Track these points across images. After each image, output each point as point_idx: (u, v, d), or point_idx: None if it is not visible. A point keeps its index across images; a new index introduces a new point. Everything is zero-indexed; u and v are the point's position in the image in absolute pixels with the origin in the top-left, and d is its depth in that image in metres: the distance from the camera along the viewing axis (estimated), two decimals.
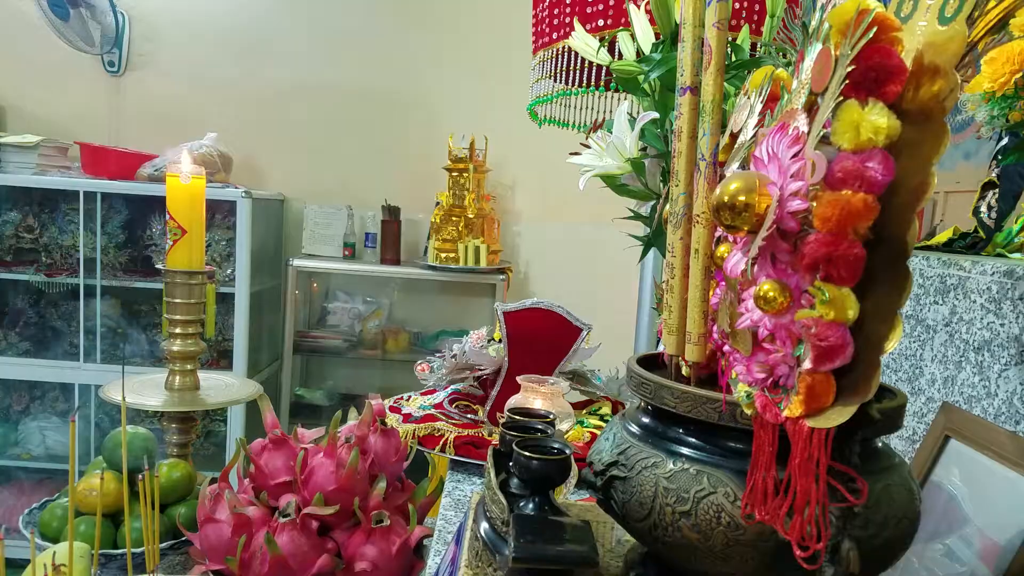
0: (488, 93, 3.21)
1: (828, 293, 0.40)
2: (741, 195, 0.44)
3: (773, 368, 0.45)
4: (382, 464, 1.02)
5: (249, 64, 3.23)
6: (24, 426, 3.07)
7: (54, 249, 2.98)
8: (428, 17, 3.22)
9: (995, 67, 0.81)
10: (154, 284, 2.92)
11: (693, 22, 0.57)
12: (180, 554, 1.11)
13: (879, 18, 0.40)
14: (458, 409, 1.32)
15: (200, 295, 1.37)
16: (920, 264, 0.87)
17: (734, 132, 0.55)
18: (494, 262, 3.04)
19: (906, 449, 0.86)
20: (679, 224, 0.59)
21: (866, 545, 0.48)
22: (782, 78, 0.52)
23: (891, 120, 0.40)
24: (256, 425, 2.90)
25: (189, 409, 1.34)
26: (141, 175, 2.87)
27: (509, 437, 0.68)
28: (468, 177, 2.98)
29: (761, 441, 0.46)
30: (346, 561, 0.95)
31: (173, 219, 1.33)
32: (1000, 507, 0.65)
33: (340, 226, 3.17)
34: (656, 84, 0.90)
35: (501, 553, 0.61)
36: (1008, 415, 0.72)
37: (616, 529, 0.74)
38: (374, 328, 3.25)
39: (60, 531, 1.14)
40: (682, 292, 0.58)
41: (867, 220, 0.40)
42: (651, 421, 0.59)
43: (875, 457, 0.53)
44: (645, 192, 0.92)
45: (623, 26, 1.16)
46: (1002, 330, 0.74)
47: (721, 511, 0.50)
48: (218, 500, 0.96)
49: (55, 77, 3.19)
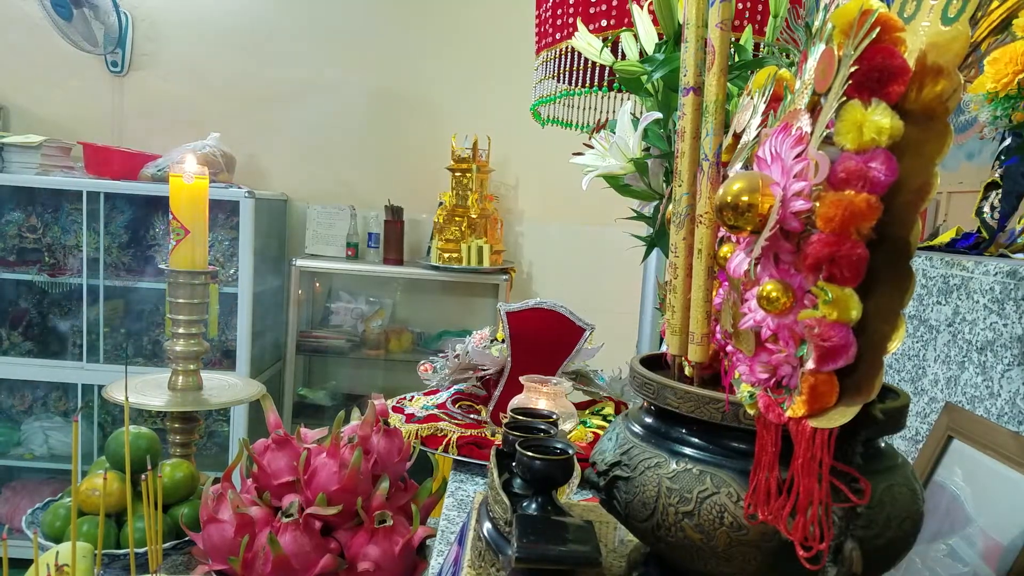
0: (491, 93, 3.21)
1: (831, 293, 0.40)
2: (744, 195, 0.44)
3: (776, 368, 0.45)
4: (385, 464, 1.02)
5: (252, 64, 3.23)
6: (27, 426, 3.07)
7: (57, 249, 2.98)
8: (432, 17, 3.22)
9: (998, 67, 0.81)
10: (157, 284, 2.93)
11: (696, 22, 0.57)
12: (183, 554, 1.11)
13: (882, 18, 0.40)
14: (461, 409, 1.32)
15: (203, 295, 1.37)
16: (923, 264, 0.87)
17: (737, 132, 0.55)
18: (497, 262, 3.04)
19: (909, 449, 0.86)
20: (682, 224, 0.59)
21: (869, 545, 0.48)
22: (785, 78, 0.52)
23: (894, 120, 0.40)
24: (259, 425, 2.91)
25: (192, 409, 1.34)
26: (144, 175, 2.87)
27: (512, 437, 0.68)
28: (471, 177, 2.98)
29: (764, 441, 0.46)
30: (349, 561, 0.95)
31: (176, 219, 1.33)
32: (1003, 507, 0.65)
33: (343, 226, 3.17)
34: (659, 84, 0.90)
35: (504, 553, 0.61)
36: (1011, 415, 0.72)
37: (619, 529, 0.74)
38: (377, 328, 3.25)
39: (63, 531, 1.14)
40: (685, 292, 0.58)
41: (870, 220, 0.40)
42: (654, 421, 0.59)
43: (878, 457, 0.53)
44: (648, 192, 0.92)
45: (626, 26, 1.16)
46: (1005, 330, 0.74)
47: (724, 511, 0.50)
48: (221, 500, 0.96)
49: (58, 77, 3.20)
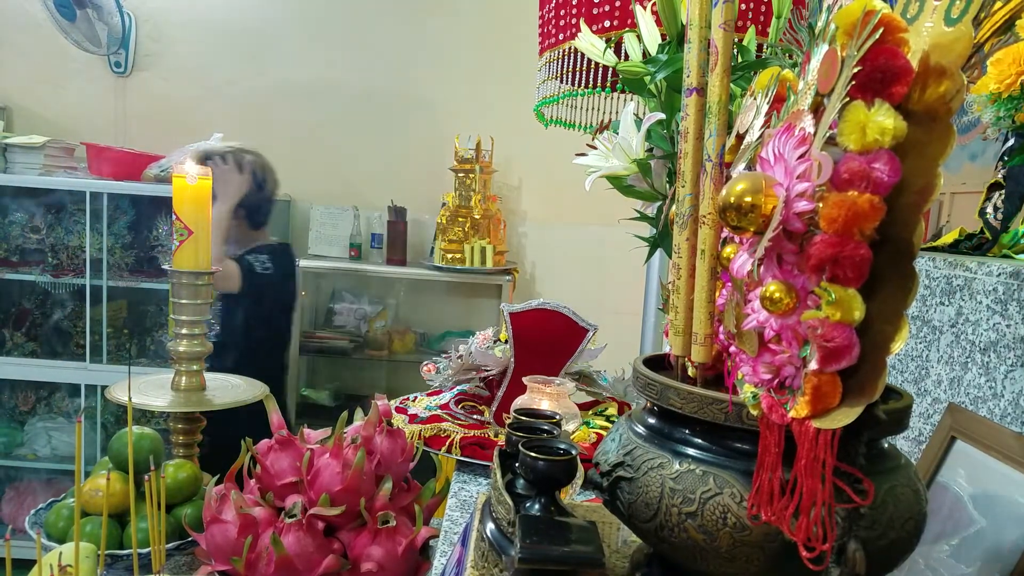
0: (494, 94, 3.21)
1: (834, 294, 0.40)
2: (747, 196, 0.44)
3: (779, 369, 0.45)
4: (388, 465, 1.02)
5: (255, 65, 3.24)
6: (30, 427, 3.08)
7: (60, 250, 2.99)
8: (435, 18, 3.22)
9: (1001, 68, 0.81)
10: (160, 285, 2.93)
11: (699, 23, 0.57)
12: (186, 554, 1.11)
13: (885, 19, 0.40)
14: (464, 410, 1.33)
15: (206, 296, 1.38)
16: (926, 265, 0.87)
17: (740, 133, 0.55)
18: (500, 263, 3.04)
19: (912, 450, 0.86)
20: (685, 225, 0.59)
21: (872, 546, 0.48)
22: (788, 79, 0.52)
23: (897, 121, 0.40)
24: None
25: (195, 409, 1.34)
26: (147, 176, 2.88)
27: (515, 438, 0.68)
28: (474, 178, 2.98)
29: (767, 442, 0.46)
30: (352, 562, 0.95)
31: (179, 220, 1.33)
32: (1006, 508, 0.65)
33: (346, 227, 3.17)
34: (662, 85, 0.90)
35: (507, 554, 0.61)
36: (1014, 416, 0.72)
37: (622, 530, 0.74)
38: (380, 329, 3.25)
39: (66, 531, 1.14)
40: (688, 293, 0.58)
41: (873, 221, 0.40)
42: (657, 422, 0.59)
43: (881, 458, 0.53)
44: (651, 193, 0.92)
45: (629, 27, 1.16)
46: (1008, 331, 0.73)
47: (727, 512, 0.50)
48: (224, 501, 0.96)
49: (61, 78, 3.20)
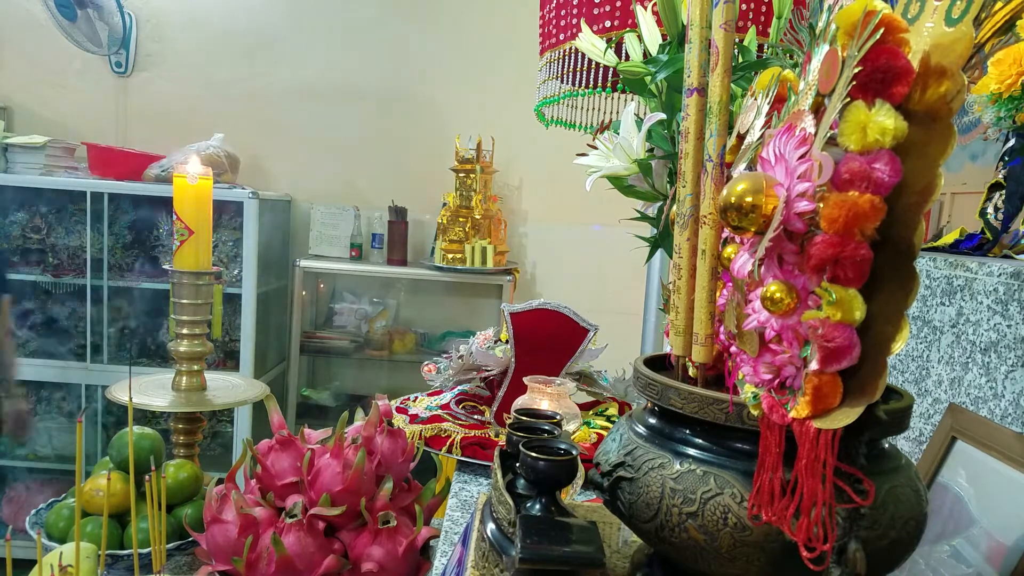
0: (495, 94, 3.21)
1: (835, 294, 0.40)
2: (748, 196, 0.44)
3: (780, 369, 0.45)
4: (389, 465, 1.02)
5: (256, 65, 3.24)
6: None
7: (61, 249, 2.99)
8: (435, 18, 3.22)
9: (1002, 68, 0.81)
10: (161, 285, 2.93)
11: (700, 23, 0.57)
12: (186, 555, 1.12)
13: (886, 19, 0.40)
14: (465, 410, 1.33)
15: (207, 296, 1.38)
16: (927, 265, 0.87)
17: (741, 133, 0.55)
18: (501, 263, 3.04)
19: (913, 450, 0.86)
20: (686, 225, 0.59)
21: (873, 546, 0.48)
22: (789, 79, 0.52)
23: (898, 121, 0.40)
24: (263, 426, 2.91)
25: (196, 409, 1.34)
26: (148, 176, 2.88)
27: (516, 438, 0.68)
28: (475, 178, 2.98)
29: (768, 442, 0.46)
30: (352, 562, 0.95)
31: (180, 220, 1.33)
32: (1007, 508, 0.65)
33: (347, 227, 3.17)
34: (663, 85, 0.90)
35: (507, 554, 0.61)
36: (1015, 416, 0.72)
37: (622, 530, 0.74)
38: (381, 329, 3.25)
39: (67, 531, 1.14)
40: (689, 293, 0.58)
41: (874, 221, 0.40)
42: (658, 422, 0.59)
43: (882, 458, 0.53)
44: (652, 193, 0.92)
45: (630, 27, 1.16)
46: (1009, 331, 0.73)
47: (728, 512, 0.50)
48: (224, 501, 0.97)
49: (62, 78, 3.20)
